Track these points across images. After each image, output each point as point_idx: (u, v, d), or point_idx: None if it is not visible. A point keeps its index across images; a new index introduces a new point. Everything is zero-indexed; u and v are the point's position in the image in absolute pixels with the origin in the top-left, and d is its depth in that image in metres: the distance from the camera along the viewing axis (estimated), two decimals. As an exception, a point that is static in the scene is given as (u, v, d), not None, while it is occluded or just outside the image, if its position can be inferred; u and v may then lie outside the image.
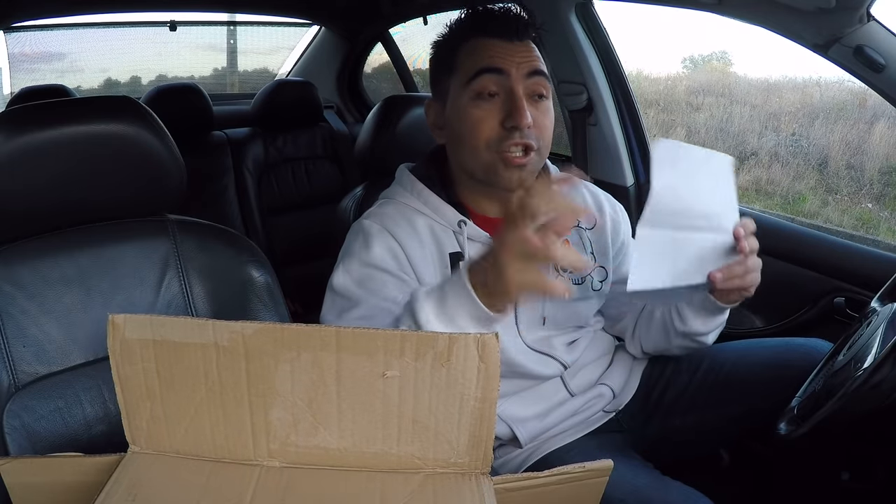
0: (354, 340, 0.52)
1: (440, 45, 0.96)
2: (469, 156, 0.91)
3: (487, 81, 0.87)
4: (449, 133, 0.94)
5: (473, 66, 0.89)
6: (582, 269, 0.76)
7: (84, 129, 0.86)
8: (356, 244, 0.93)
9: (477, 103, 0.88)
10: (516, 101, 0.86)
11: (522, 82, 0.87)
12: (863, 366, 0.77)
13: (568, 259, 0.67)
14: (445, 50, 0.94)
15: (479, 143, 0.88)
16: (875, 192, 2.28)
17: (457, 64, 0.91)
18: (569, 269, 0.75)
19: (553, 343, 1.01)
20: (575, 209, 0.66)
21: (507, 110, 0.87)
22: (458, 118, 0.90)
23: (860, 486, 0.95)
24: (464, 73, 0.90)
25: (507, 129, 0.87)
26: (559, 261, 0.66)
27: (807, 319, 1.35)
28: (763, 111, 2.70)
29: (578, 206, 0.68)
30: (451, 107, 0.93)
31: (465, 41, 0.91)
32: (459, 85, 0.90)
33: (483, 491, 0.54)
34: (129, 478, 0.53)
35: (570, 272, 1.01)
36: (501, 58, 0.88)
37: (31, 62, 2.62)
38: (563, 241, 0.99)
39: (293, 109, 2.32)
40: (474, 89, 0.88)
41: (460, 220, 0.93)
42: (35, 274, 0.88)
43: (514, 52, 0.88)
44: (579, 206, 0.68)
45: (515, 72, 0.87)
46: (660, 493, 0.82)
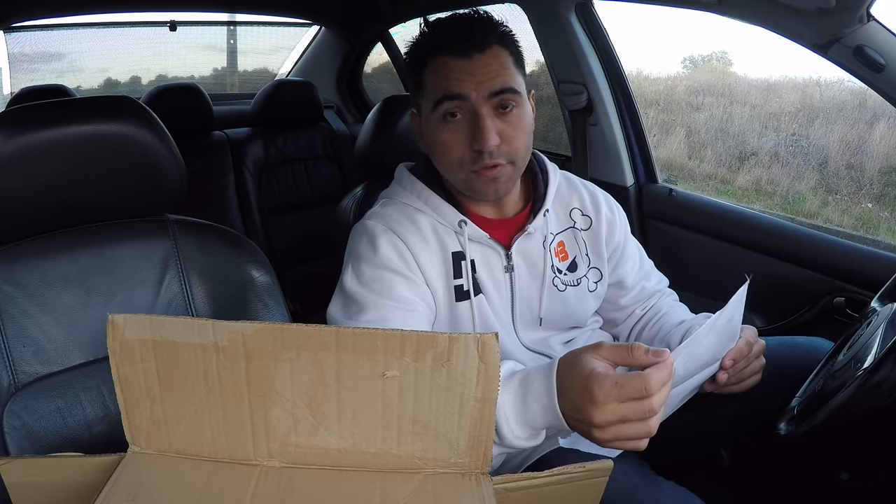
0: (354, 340, 0.52)
1: (409, 59, 0.95)
2: (446, 172, 0.94)
3: (450, 105, 0.87)
4: (426, 147, 0.96)
5: (436, 90, 0.88)
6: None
7: (84, 128, 0.86)
8: (362, 245, 0.93)
9: (444, 126, 0.89)
10: (479, 123, 0.86)
11: (485, 103, 0.86)
12: (863, 366, 0.77)
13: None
14: (412, 68, 0.94)
15: (452, 163, 0.90)
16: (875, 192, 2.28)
17: (423, 83, 0.91)
18: None
19: (550, 343, 1.01)
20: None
21: (473, 133, 0.87)
22: (431, 138, 0.92)
23: (860, 486, 0.95)
24: (429, 96, 0.90)
25: (474, 150, 0.87)
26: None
27: (807, 319, 1.35)
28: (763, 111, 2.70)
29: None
30: (424, 124, 0.94)
31: (429, 59, 0.90)
32: (428, 106, 0.91)
33: (483, 491, 0.54)
34: (128, 478, 0.53)
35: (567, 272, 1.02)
36: (460, 80, 0.86)
37: (30, 62, 2.62)
38: (559, 243, 1.02)
39: (293, 109, 2.32)
40: (439, 113, 0.88)
41: (461, 220, 0.94)
42: (35, 274, 0.88)
43: (473, 70, 0.86)
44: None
45: (476, 94, 0.86)
46: (651, 494, 0.82)
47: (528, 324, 1.00)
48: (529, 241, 0.98)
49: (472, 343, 0.52)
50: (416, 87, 0.95)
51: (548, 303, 0.99)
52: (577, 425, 0.67)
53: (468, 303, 0.94)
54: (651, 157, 1.70)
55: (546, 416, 0.69)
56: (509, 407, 0.70)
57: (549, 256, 0.99)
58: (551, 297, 1.00)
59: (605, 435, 0.63)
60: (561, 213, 1.03)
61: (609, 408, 0.62)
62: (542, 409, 0.69)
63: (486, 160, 0.87)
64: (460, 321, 0.95)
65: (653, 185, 1.69)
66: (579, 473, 0.57)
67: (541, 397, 0.69)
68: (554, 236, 1.01)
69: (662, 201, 1.65)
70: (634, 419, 0.62)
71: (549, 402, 0.68)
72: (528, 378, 0.71)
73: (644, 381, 0.61)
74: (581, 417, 0.65)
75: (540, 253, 0.99)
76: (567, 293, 1.01)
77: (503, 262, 0.97)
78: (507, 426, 0.70)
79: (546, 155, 1.05)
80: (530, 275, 0.98)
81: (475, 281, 0.95)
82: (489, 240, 0.95)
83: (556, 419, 0.68)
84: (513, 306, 0.98)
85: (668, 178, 1.80)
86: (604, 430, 0.63)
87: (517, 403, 0.70)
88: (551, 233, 1.00)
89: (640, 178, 1.69)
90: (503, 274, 0.97)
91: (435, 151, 0.93)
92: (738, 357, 0.86)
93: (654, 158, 1.71)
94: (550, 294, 0.99)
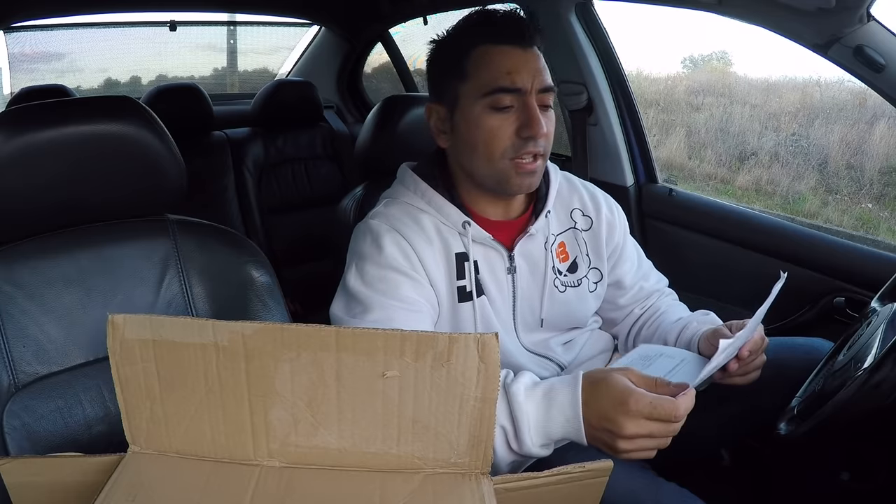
0: (354, 340, 0.52)
1: (445, 47, 0.94)
2: (483, 163, 0.91)
3: (504, 97, 0.88)
4: (458, 139, 0.93)
5: (490, 79, 0.88)
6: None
7: (84, 128, 0.86)
8: (366, 245, 0.92)
9: (493, 114, 0.89)
10: (532, 113, 0.88)
11: (535, 96, 0.89)
12: (863, 366, 0.77)
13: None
14: (453, 53, 0.92)
15: (494, 152, 0.89)
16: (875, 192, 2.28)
17: (468, 71, 0.90)
18: None
19: (550, 344, 1.01)
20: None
21: (523, 121, 0.88)
22: (472, 127, 0.90)
23: (860, 486, 0.95)
24: (478, 84, 0.89)
25: (522, 138, 0.88)
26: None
27: (807, 319, 1.35)
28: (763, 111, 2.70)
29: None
30: (462, 114, 0.91)
31: (475, 47, 0.90)
32: (473, 94, 0.89)
33: (483, 491, 0.54)
34: (128, 478, 0.53)
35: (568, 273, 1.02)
36: (517, 73, 0.88)
37: (30, 62, 2.62)
38: (559, 244, 1.02)
39: (293, 109, 2.32)
40: (490, 102, 0.88)
41: (464, 221, 0.93)
42: (35, 274, 0.88)
43: (527, 63, 0.89)
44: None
45: (531, 87, 0.88)
46: (653, 496, 0.82)
47: (529, 325, 1.00)
48: (531, 242, 0.98)
49: (472, 343, 0.52)
50: (453, 75, 0.92)
51: (549, 304, 0.99)
52: (602, 435, 0.71)
53: (470, 304, 0.94)
54: (651, 157, 1.70)
55: (567, 427, 0.73)
56: (533, 416, 0.74)
57: (551, 257, 0.99)
58: (552, 298, 1.00)
59: (630, 446, 0.69)
60: (562, 213, 1.03)
61: (640, 422, 0.68)
62: (565, 420, 0.73)
63: (531, 147, 0.88)
64: (462, 322, 0.95)
65: (653, 185, 1.69)
66: (579, 473, 0.57)
67: (565, 409, 0.73)
68: (555, 237, 1.01)
69: (662, 201, 1.65)
70: (658, 437, 0.69)
71: (573, 414, 0.72)
72: (553, 390, 0.75)
73: (675, 407, 0.68)
74: (610, 428, 0.69)
75: (541, 254, 0.99)
76: (568, 294, 1.01)
77: (505, 264, 0.97)
78: (528, 434, 0.73)
79: (547, 156, 1.05)
80: (531, 276, 0.98)
81: (478, 282, 0.95)
82: (492, 241, 0.95)
83: (578, 431, 0.72)
84: (514, 308, 0.98)
85: (668, 178, 1.80)
86: (631, 441, 0.69)
87: (540, 413, 0.74)
88: (552, 234, 1.00)
89: (640, 178, 1.69)
90: (505, 275, 0.97)
91: (472, 142, 0.91)
92: (754, 349, 0.87)
93: (654, 158, 1.71)
94: (551, 295, 0.99)
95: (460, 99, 0.91)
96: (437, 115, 0.96)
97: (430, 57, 0.97)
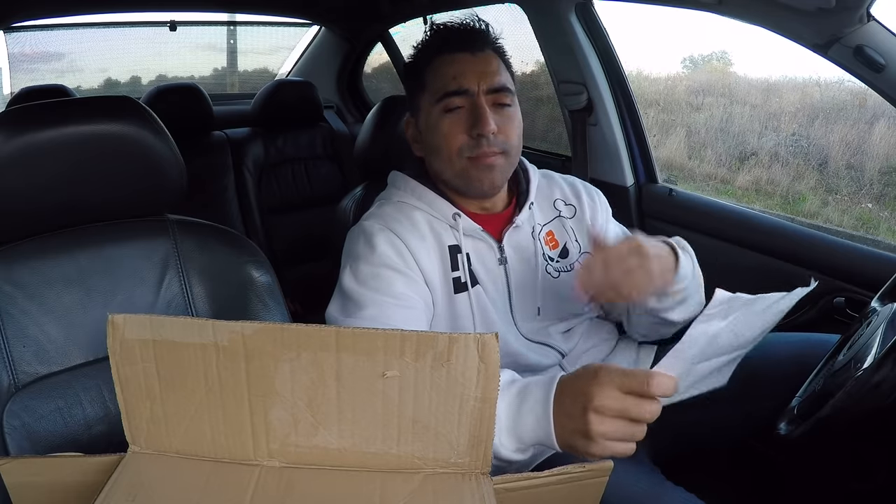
0: (354, 340, 0.52)
1: (411, 66, 1.03)
2: (446, 165, 0.97)
3: (453, 99, 0.95)
4: (426, 146, 1.01)
5: (441, 85, 0.96)
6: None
7: (84, 129, 0.86)
8: (359, 245, 0.96)
9: (446, 116, 0.95)
10: (479, 112, 0.93)
11: (484, 97, 0.94)
12: (863, 366, 0.77)
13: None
14: (414, 70, 1.01)
15: (452, 151, 0.95)
16: (875, 192, 2.27)
17: (426, 82, 0.98)
18: None
19: (549, 332, 1.03)
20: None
21: (472, 120, 0.94)
22: (432, 131, 0.98)
23: (860, 486, 0.95)
24: (433, 92, 0.97)
25: (473, 137, 0.94)
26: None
27: (807, 319, 1.35)
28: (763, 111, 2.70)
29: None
30: (424, 121, 1.00)
31: (431, 60, 0.98)
32: (430, 102, 0.97)
33: (483, 491, 0.54)
34: (128, 478, 0.53)
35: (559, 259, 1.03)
36: (464, 76, 0.94)
37: (30, 62, 2.62)
38: (547, 233, 1.04)
39: (293, 109, 2.32)
40: (443, 106, 0.95)
41: (454, 213, 0.98)
42: (35, 274, 0.88)
43: (475, 66, 0.95)
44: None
45: (477, 87, 0.94)
46: (657, 501, 0.82)
47: (527, 314, 1.01)
48: (519, 233, 1.02)
49: (472, 343, 0.52)
50: (416, 88, 1.01)
51: (543, 291, 1.01)
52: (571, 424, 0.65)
53: (466, 295, 0.97)
54: (651, 157, 1.70)
55: (537, 428, 0.69)
56: (504, 417, 0.71)
57: (539, 245, 1.02)
58: (546, 285, 1.02)
59: (602, 427, 0.63)
60: (545, 205, 1.07)
61: (611, 393, 0.62)
62: (535, 420, 0.69)
63: (484, 146, 0.93)
64: (460, 313, 0.96)
65: (653, 185, 1.69)
66: (579, 473, 0.57)
67: (535, 408, 0.69)
68: (542, 227, 1.04)
69: (662, 201, 1.65)
70: (632, 417, 0.62)
71: (543, 413, 0.68)
72: (527, 388, 0.72)
73: (648, 377, 0.61)
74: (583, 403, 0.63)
75: (530, 243, 1.02)
76: (561, 279, 1.03)
77: (496, 255, 1.00)
78: (499, 436, 0.70)
79: (546, 155, 1.06)
80: (523, 265, 1.01)
81: (472, 273, 0.98)
82: (482, 232, 0.98)
83: (548, 433, 0.68)
84: (510, 298, 1.00)
85: (668, 178, 1.80)
86: (602, 418, 0.62)
87: (511, 412, 0.71)
88: (539, 224, 1.04)
89: (640, 178, 1.69)
90: (497, 266, 1.00)
91: (434, 145, 0.98)
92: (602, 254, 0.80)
93: (654, 158, 1.72)
94: (545, 282, 1.02)
95: (422, 108, 1.00)
96: (412, 127, 1.05)
97: (402, 75, 1.07)
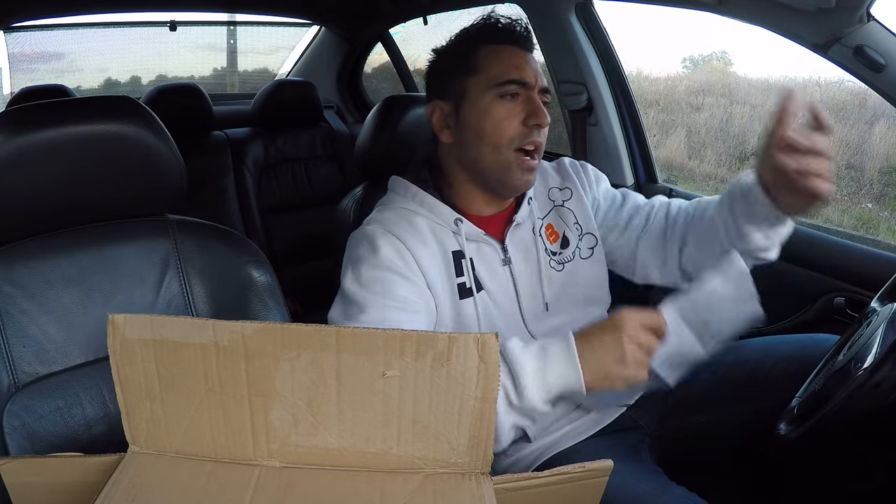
0: (354, 340, 0.52)
1: (452, 47, 1.02)
2: (489, 152, 0.96)
3: (513, 88, 0.95)
4: (464, 131, 0.98)
5: (501, 72, 0.95)
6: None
7: (84, 129, 0.86)
8: (361, 249, 0.94)
9: (502, 102, 0.95)
10: (538, 104, 0.95)
11: (537, 94, 0.97)
12: (863, 366, 0.77)
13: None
14: (461, 52, 0.99)
15: (502, 139, 0.95)
16: (875, 192, 2.27)
17: (477, 67, 0.97)
18: None
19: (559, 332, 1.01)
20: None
21: (529, 111, 0.95)
22: (482, 115, 0.95)
23: (860, 486, 0.95)
24: (488, 77, 0.96)
25: (528, 126, 0.94)
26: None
27: (807, 319, 1.35)
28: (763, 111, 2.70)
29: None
30: (470, 105, 0.97)
31: (484, 45, 0.98)
32: (482, 86, 0.96)
33: (483, 491, 0.54)
34: (128, 478, 0.53)
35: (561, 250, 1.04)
36: (525, 69, 0.96)
37: (30, 62, 2.62)
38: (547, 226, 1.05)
39: (293, 109, 2.32)
40: (500, 91, 0.95)
41: (456, 219, 0.97)
42: (35, 274, 0.88)
43: (530, 63, 0.98)
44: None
45: (535, 83, 0.97)
46: (657, 501, 0.82)
47: (536, 312, 1.01)
48: (520, 231, 1.02)
49: (472, 343, 0.52)
50: (462, 71, 0.98)
51: (548, 285, 1.02)
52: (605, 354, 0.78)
53: (471, 301, 0.96)
54: (651, 157, 1.70)
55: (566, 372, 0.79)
56: (530, 367, 0.80)
57: (541, 241, 1.03)
58: (551, 278, 1.02)
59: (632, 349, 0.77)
60: (542, 198, 1.07)
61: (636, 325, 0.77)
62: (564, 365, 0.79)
63: (535, 136, 0.95)
64: (465, 320, 0.96)
65: (653, 185, 1.69)
66: (579, 473, 0.57)
67: (561, 354, 0.80)
68: (542, 221, 1.05)
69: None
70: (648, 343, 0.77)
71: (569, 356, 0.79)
72: (546, 344, 0.82)
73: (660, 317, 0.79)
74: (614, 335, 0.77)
75: (531, 240, 1.02)
76: (566, 270, 1.04)
77: (500, 256, 1.00)
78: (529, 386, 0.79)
79: (546, 155, 1.06)
80: (526, 263, 1.01)
81: (476, 278, 0.97)
82: (485, 236, 0.98)
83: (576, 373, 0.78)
84: (518, 298, 1.00)
85: (669, 178, 1.80)
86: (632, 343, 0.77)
87: (538, 365, 0.80)
88: (539, 218, 1.04)
89: (640, 178, 1.69)
90: (501, 267, 0.99)
91: (482, 130, 0.96)
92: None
93: (654, 158, 1.71)
94: (549, 276, 1.02)
95: (469, 92, 0.97)
96: (440, 112, 1.00)
97: (435, 58, 1.04)
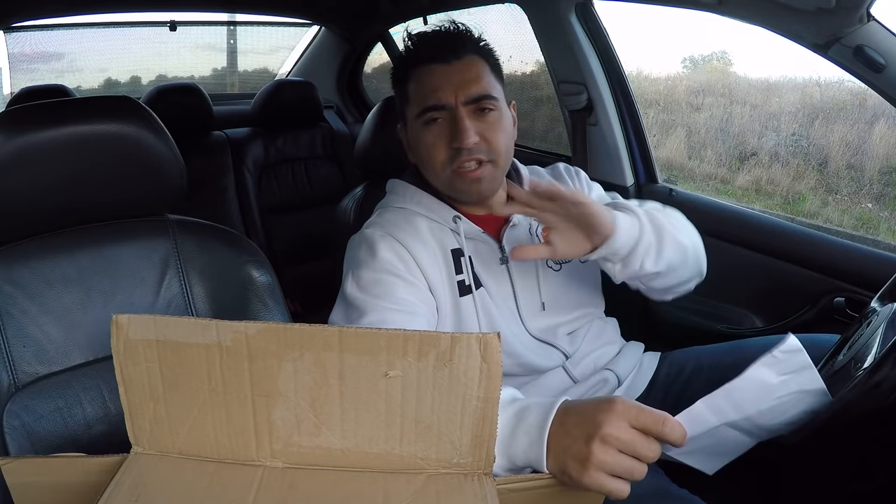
0: (357, 340, 0.52)
1: (394, 78, 1.03)
2: (432, 176, 0.98)
3: (433, 114, 0.95)
4: (415, 155, 1.01)
5: (420, 100, 0.96)
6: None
7: (84, 129, 0.86)
8: (361, 252, 0.95)
9: (427, 129, 0.95)
10: (459, 125, 0.92)
11: (463, 108, 0.93)
12: (863, 366, 0.77)
13: None
14: (398, 82, 1.01)
15: (435, 164, 0.96)
16: (875, 192, 2.28)
17: (409, 94, 0.98)
18: None
19: (556, 332, 1.03)
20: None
21: (451, 133, 0.93)
22: (417, 144, 0.98)
23: (860, 486, 0.95)
24: (414, 105, 0.97)
25: (453, 149, 0.93)
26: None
27: (807, 319, 1.35)
28: (763, 111, 2.70)
29: None
30: (410, 133, 1.00)
31: (411, 71, 0.98)
32: (413, 114, 0.98)
33: (486, 491, 0.54)
34: (131, 478, 0.53)
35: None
36: (441, 89, 0.93)
37: (30, 62, 2.62)
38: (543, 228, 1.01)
39: (293, 109, 2.32)
40: (424, 120, 0.95)
41: (455, 216, 0.98)
42: (35, 274, 0.88)
43: (449, 78, 0.93)
44: None
45: (455, 100, 0.93)
46: (659, 502, 0.82)
47: (533, 311, 1.02)
48: (517, 231, 1.03)
49: (475, 343, 0.52)
50: (402, 99, 1.01)
51: (546, 285, 1.03)
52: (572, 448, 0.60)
53: (471, 297, 0.97)
54: (651, 157, 1.70)
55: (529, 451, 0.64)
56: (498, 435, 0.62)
57: (537, 241, 1.03)
58: (548, 278, 1.03)
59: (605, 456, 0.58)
60: None
61: (622, 425, 0.58)
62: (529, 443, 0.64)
63: (464, 157, 0.93)
64: (465, 316, 0.97)
65: (653, 185, 1.69)
66: (581, 473, 0.57)
67: (531, 430, 0.65)
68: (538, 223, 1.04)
69: (662, 201, 1.63)
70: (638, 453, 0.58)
71: (538, 437, 0.63)
72: (527, 409, 0.67)
73: (664, 418, 0.58)
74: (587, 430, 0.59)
75: (528, 241, 1.03)
76: (562, 271, 1.05)
77: (498, 255, 1.01)
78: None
79: (546, 155, 1.06)
80: (524, 263, 1.02)
81: (475, 276, 0.98)
82: (482, 234, 0.99)
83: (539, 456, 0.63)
84: (515, 295, 1.01)
85: (669, 178, 1.80)
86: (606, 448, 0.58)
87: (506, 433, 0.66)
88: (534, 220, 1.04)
89: (640, 178, 1.69)
90: (499, 266, 1.01)
91: (421, 157, 0.98)
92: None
93: (654, 158, 1.72)
94: (546, 276, 1.03)
95: (408, 119, 1.00)
96: (404, 135, 1.05)
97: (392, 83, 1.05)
